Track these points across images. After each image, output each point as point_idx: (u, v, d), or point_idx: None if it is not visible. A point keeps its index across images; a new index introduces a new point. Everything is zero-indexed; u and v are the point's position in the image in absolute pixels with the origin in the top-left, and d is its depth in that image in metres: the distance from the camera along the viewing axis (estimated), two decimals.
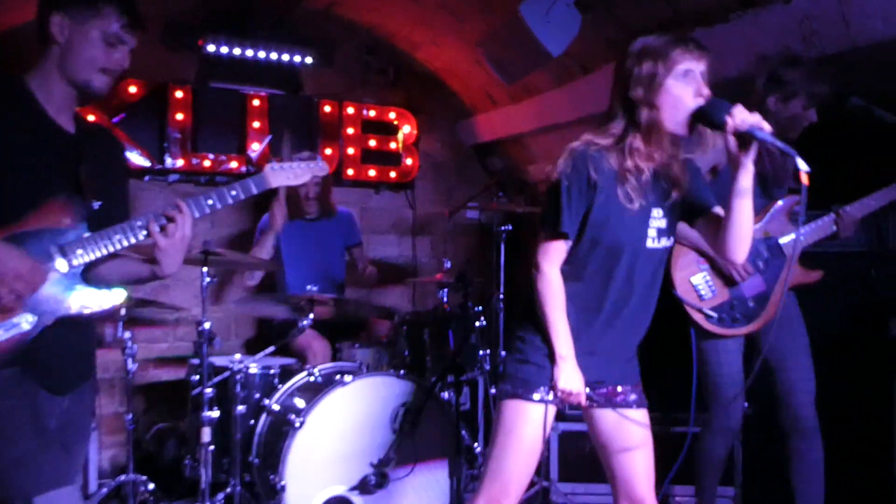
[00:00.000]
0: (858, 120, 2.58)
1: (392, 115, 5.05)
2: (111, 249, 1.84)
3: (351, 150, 4.90)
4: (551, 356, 1.98)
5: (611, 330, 2.03)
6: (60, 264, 1.80)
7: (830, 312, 3.03)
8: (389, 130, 5.06)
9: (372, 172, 4.99)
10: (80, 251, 1.82)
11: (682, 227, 2.72)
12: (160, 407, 4.19)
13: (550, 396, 1.98)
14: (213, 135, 4.46)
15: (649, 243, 1.98)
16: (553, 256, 1.99)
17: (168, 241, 1.84)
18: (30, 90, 1.86)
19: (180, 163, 4.37)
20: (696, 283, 2.79)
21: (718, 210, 2.02)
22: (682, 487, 3.28)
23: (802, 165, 1.68)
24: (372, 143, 4.99)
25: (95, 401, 2.12)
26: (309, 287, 3.49)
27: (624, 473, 2.09)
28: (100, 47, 1.84)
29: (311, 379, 3.27)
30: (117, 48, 1.87)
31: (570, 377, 1.96)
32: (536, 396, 1.99)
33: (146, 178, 4.31)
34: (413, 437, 3.03)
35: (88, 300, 1.86)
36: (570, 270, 2.00)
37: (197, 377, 3.26)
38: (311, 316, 3.39)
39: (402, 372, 3.26)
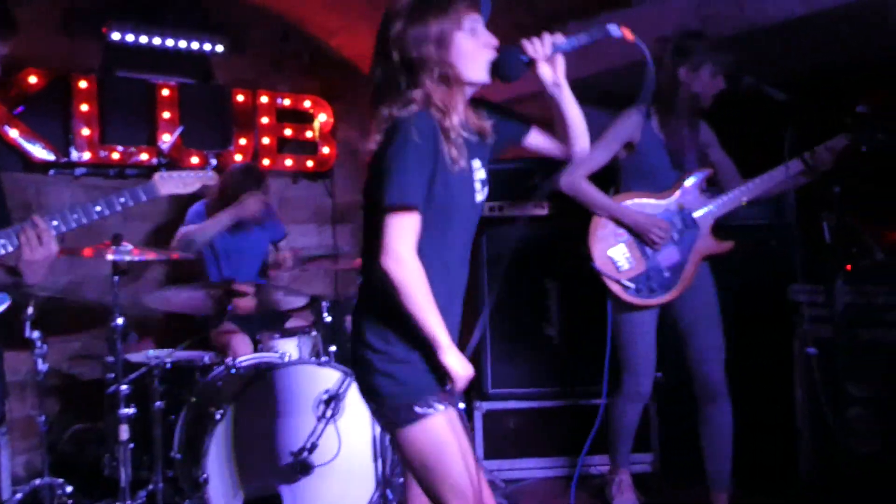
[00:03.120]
0: (751, 97, 2.70)
1: (307, 104, 5.00)
2: None
3: (266, 140, 4.84)
4: (427, 351, 1.74)
5: (455, 307, 1.87)
6: None
7: (735, 281, 3.16)
8: (305, 119, 5.01)
9: (289, 162, 4.94)
10: None
11: (597, 195, 2.80)
12: (77, 408, 4.06)
13: (439, 405, 1.76)
14: (121, 126, 4.33)
15: (477, 197, 1.87)
16: (407, 234, 1.70)
17: (34, 256, 1.86)
18: None
19: (87, 156, 4.23)
20: (613, 254, 2.85)
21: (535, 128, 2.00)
22: (599, 457, 3.39)
23: (615, 30, 1.80)
24: (288, 132, 4.94)
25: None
26: (227, 275, 3.44)
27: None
28: None
29: (233, 371, 3.23)
30: None
31: (462, 363, 1.73)
32: (430, 409, 1.75)
33: (51, 172, 4.16)
34: (336, 423, 3.03)
35: None
36: (420, 247, 1.75)
37: (113, 375, 3.18)
38: (231, 307, 3.34)
39: (323, 359, 3.25)
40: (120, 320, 3.02)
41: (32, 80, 4.06)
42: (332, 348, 3.35)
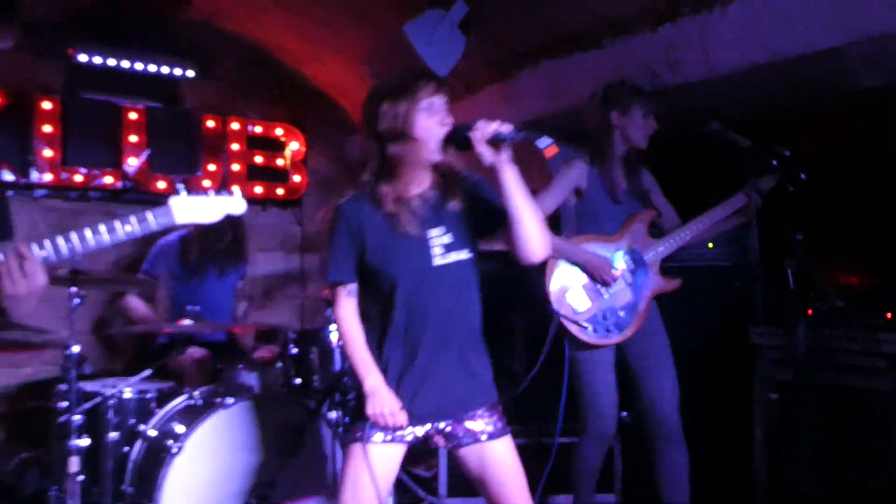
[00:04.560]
0: (716, 143, 2.78)
1: (279, 132, 4.98)
2: None
3: (236, 167, 4.80)
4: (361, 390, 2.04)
5: (422, 357, 2.04)
6: None
7: (697, 322, 3.20)
8: (276, 147, 4.98)
9: (258, 189, 4.90)
10: None
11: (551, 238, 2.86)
12: (24, 436, 3.92)
13: (372, 433, 2.02)
14: (85, 148, 4.27)
15: (437, 261, 2.04)
16: (339, 300, 2.10)
17: (16, 290, 1.63)
18: None
19: (49, 177, 4.15)
20: (570, 296, 2.89)
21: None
22: (561, 497, 3.37)
23: (544, 142, 1.86)
24: (258, 159, 4.90)
25: None
26: (190, 308, 3.36)
27: None
28: None
29: (191, 402, 3.15)
30: None
31: (378, 401, 2.00)
32: (357, 435, 2.03)
33: (9, 192, 4.06)
34: (297, 457, 2.97)
35: None
36: (368, 307, 2.10)
37: (65, 403, 3.07)
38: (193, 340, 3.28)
39: (286, 392, 3.19)
40: (76, 347, 2.94)
41: None
42: (297, 381, 3.29)
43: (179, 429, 3.00)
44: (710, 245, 3.38)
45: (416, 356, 2.04)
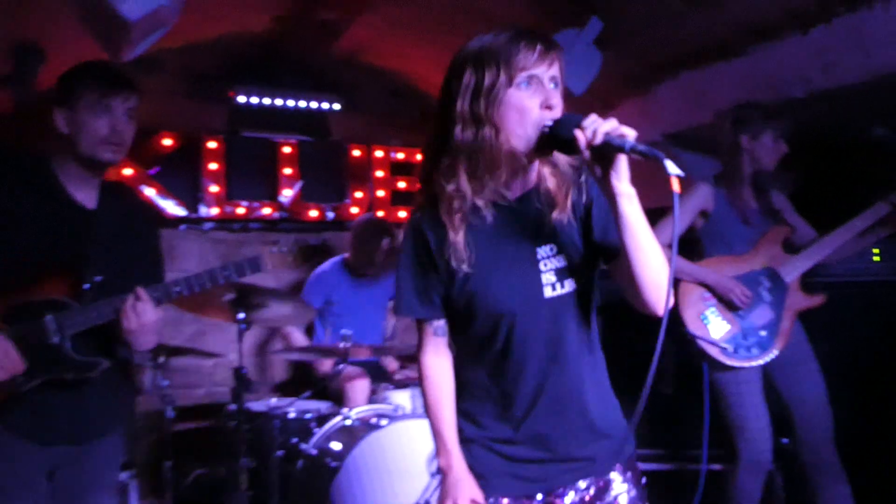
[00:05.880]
0: (884, 149, 2.60)
1: (420, 157, 5.13)
2: (95, 323, 1.96)
3: (381, 193, 4.99)
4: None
5: (538, 412, 1.56)
6: (52, 334, 1.94)
7: (859, 342, 2.99)
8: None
9: (402, 214, 5.06)
10: (69, 323, 1.95)
11: (679, 260, 2.77)
12: (198, 453, 4.24)
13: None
14: (245, 182, 4.58)
15: (548, 292, 1.53)
16: (423, 341, 1.65)
17: (130, 325, 1.94)
18: (51, 169, 2.03)
19: (215, 211, 4.49)
20: (706, 318, 2.82)
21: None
22: None
23: (673, 169, 1.31)
24: (401, 184, 5.07)
25: (119, 454, 2.22)
26: (343, 331, 3.52)
27: None
28: (96, 121, 1.98)
29: (348, 423, 3.29)
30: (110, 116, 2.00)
31: (447, 491, 1.57)
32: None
33: (182, 227, 4.43)
34: None
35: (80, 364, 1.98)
36: (462, 353, 1.64)
37: (234, 423, 3.30)
38: (347, 361, 3.42)
39: None
40: (243, 370, 3.15)
41: (166, 142, 4.37)
42: None
43: (337, 447, 3.15)
44: (877, 257, 3.15)
45: (522, 414, 1.58)
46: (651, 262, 1.43)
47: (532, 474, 1.59)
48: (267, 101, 4.54)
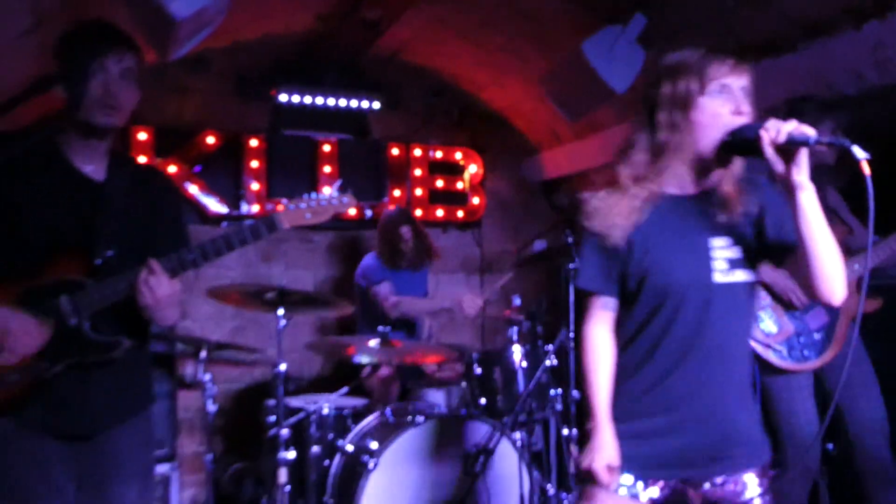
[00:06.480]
0: None
1: (458, 156, 5.12)
2: (111, 300, 1.87)
3: (419, 191, 4.99)
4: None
5: (687, 400, 1.69)
6: (69, 315, 1.85)
7: None
8: (456, 170, 5.13)
9: (440, 212, 5.06)
10: (85, 302, 1.86)
11: None
12: (237, 447, 4.29)
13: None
14: (286, 180, 4.61)
15: (717, 277, 1.69)
16: (591, 313, 1.81)
17: (146, 300, 1.85)
18: (56, 145, 1.92)
19: (256, 208, 4.53)
20: (760, 318, 2.76)
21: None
22: None
23: (860, 153, 1.46)
24: (439, 183, 5.07)
25: (146, 440, 2.09)
26: (380, 328, 3.52)
27: None
28: (89, 81, 1.83)
29: (383, 420, 3.30)
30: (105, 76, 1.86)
31: (588, 453, 1.69)
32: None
33: (223, 224, 4.48)
34: (485, 478, 3.01)
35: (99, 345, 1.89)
36: (624, 337, 1.78)
37: (273, 418, 3.32)
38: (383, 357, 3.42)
39: (473, 412, 3.25)
40: (283, 366, 3.17)
41: (210, 140, 4.43)
42: (482, 401, 3.34)
43: (374, 445, 3.15)
44: None
45: (671, 398, 1.70)
46: (828, 251, 1.58)
47: (671, 460, 1.69)
48: (308, 99, 4.58)
